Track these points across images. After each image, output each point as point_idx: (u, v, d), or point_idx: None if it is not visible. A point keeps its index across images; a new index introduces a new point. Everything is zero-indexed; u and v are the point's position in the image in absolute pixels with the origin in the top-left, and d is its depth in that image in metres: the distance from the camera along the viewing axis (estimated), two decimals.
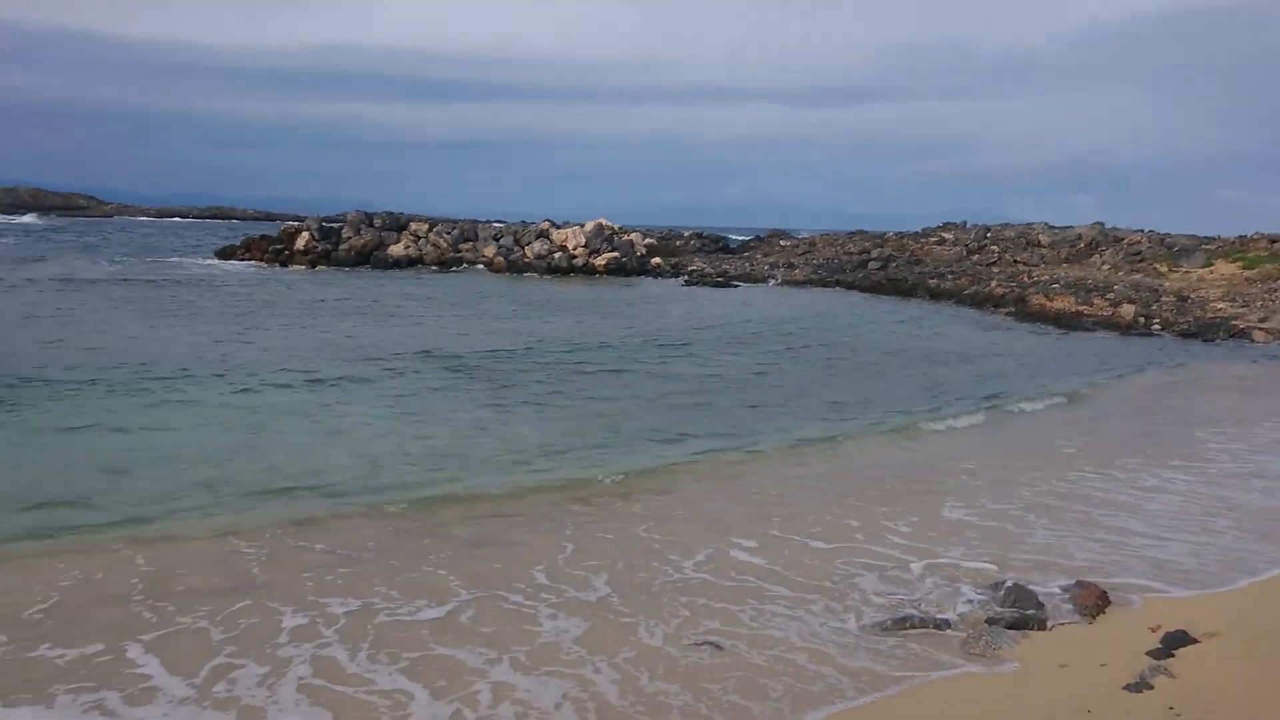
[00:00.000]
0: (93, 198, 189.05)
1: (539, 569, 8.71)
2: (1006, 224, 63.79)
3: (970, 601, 8.08)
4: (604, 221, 60.45)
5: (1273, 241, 45.12)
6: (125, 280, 39.28)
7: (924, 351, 25.33)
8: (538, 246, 57.73)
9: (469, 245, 58.61)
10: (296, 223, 60.47)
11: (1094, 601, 7.87)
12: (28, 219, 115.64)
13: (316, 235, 57.69)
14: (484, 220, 65.26)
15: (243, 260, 57.37)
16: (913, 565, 9.14)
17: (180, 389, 16.09)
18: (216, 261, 56.73)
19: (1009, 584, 8.24)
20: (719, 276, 52.03)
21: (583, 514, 10.54)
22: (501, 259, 56.89)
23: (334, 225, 59.07)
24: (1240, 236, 47.16)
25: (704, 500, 11.29)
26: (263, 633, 7.28)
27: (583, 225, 59.99)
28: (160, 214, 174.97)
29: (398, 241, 58.21)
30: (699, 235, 67.58)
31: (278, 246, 58.10)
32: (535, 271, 55.51)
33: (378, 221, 59.54)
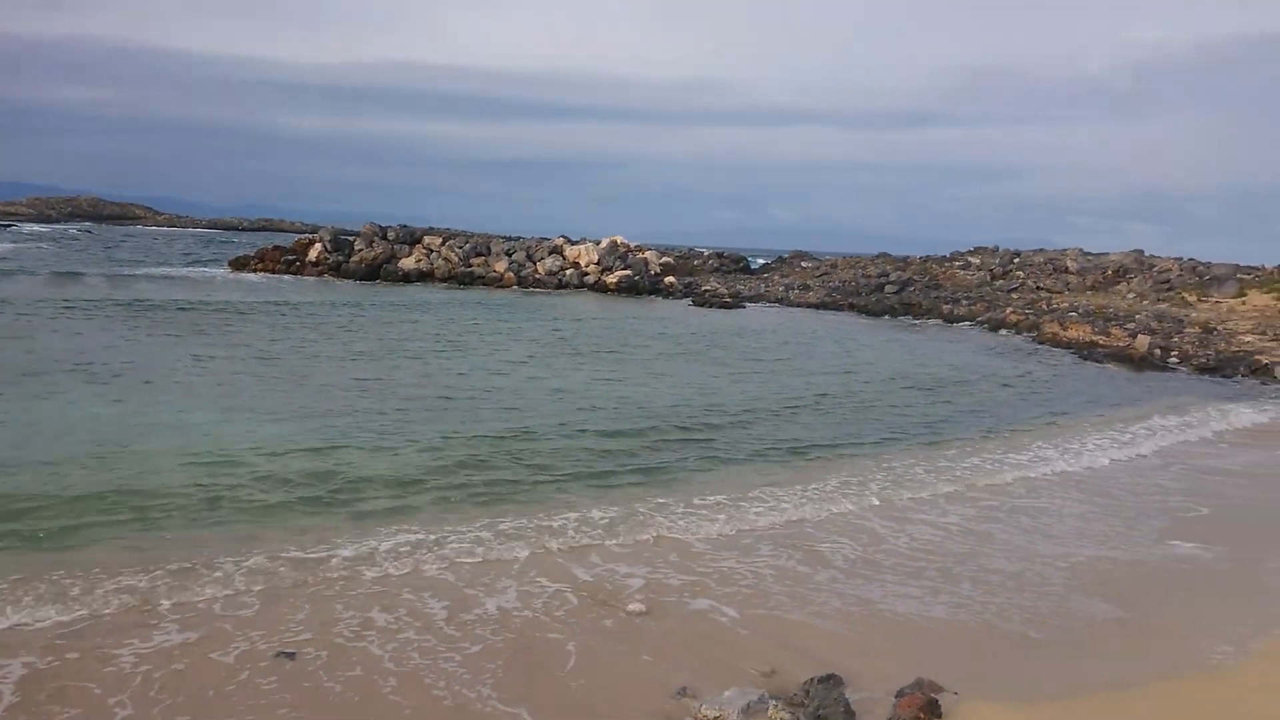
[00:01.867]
0: (149, 208, 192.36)
1: None
2: (1040, 249, 61.41)
3: (760, 705, 6.38)
4: (619, 239, 59.15)
5: None
6: (117, 290, 38.64)
7: (880, 378, 23.47)
8: (550, 263, 56.55)
9: (481, 260, 57.51)
10: (311, 234, 60.01)
11: (913, 714, 6.15)
12: (72, 228, 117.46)
13: (329, 247, 57.07)
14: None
15: (255, 271, 56.84)
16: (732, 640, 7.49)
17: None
18: (228, 272, 56.24)
19: (816, 681, 6.55)
20: (729, 297, 50.42)
21: None
22: (512, 274, 55.73)
23: (348, 237, 58.48)
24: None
25: None
26: None
27: (598, 242, 58.77)
28: (211, 225, 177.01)
29: (409, 255, 57.26)
30: (719, 255, 65.90)
31: (290, 257, 57.62)
32: (545, 288, 54.33)
33: (391, 234, 58.70)
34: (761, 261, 69.98)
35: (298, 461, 12.36)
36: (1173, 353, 30.07)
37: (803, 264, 63.15)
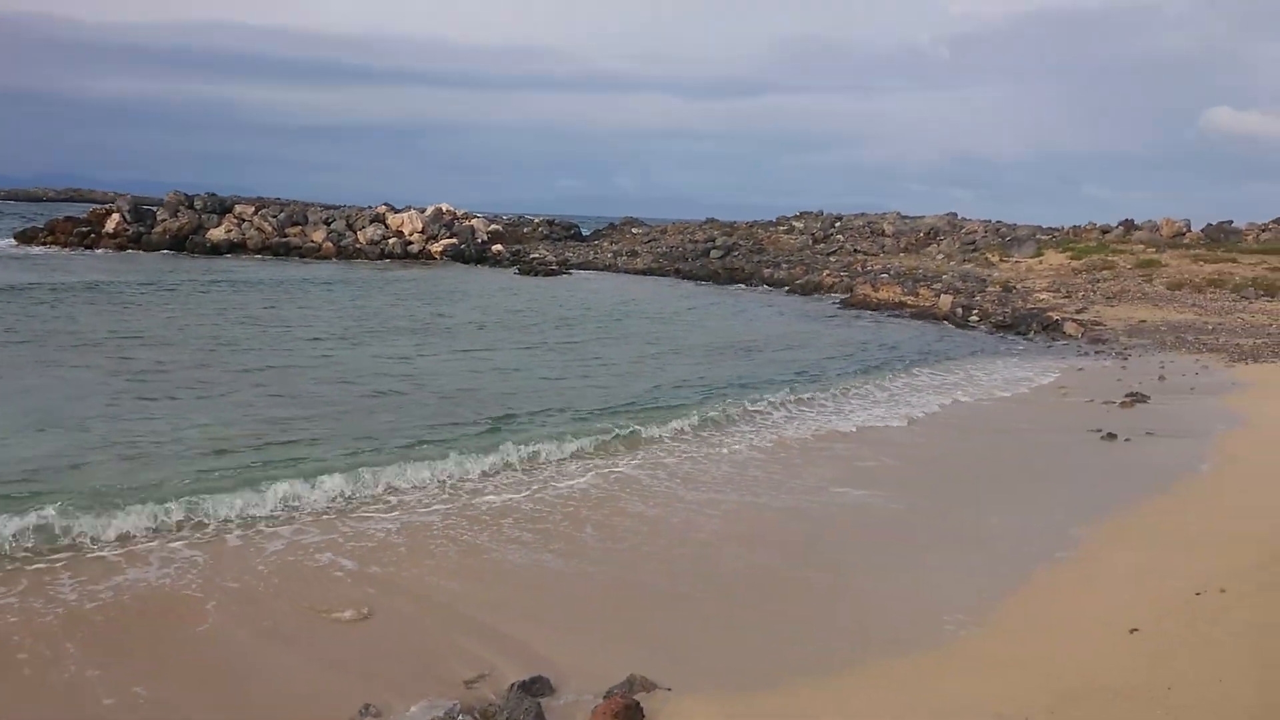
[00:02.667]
0: None
1: None
2: (863, 213, 63.08)
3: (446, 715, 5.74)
4: (445, 207, 57.52)
5: (1104, 232, 44.88)
6: None
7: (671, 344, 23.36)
8: (371, 231, 54.38)
9: (297, 230, 54.75)
10: (107, 204, 55.89)
11: None
12: None
13: (129, 217, 53.23)
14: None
15: (45, 245, 52.49)
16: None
17: None
18: (11, 245, 51.67)
19: (517, 686, 5.97)
20: (556, 265, 49.89)
21: None
22: (331, 245, 53.34)
23: (151, 207, 54.75)
24: (1074, 227, 46.90)
25: None
26: None
27: (423, 210, 56.97)
28: (9, 196, 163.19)
29: (219, 225, 54.00)
30: (550, 222, 64.98)
31: (85, 229, 53.44)
32: (367, 258, 52.28)
33: (198, 203, 55.23)
34: (595, 228, 69.52)
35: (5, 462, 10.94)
36: (974, 311, 31.14)
37: (633, 230, 62.97)
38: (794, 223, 59.24)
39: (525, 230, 62.30)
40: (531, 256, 53.34)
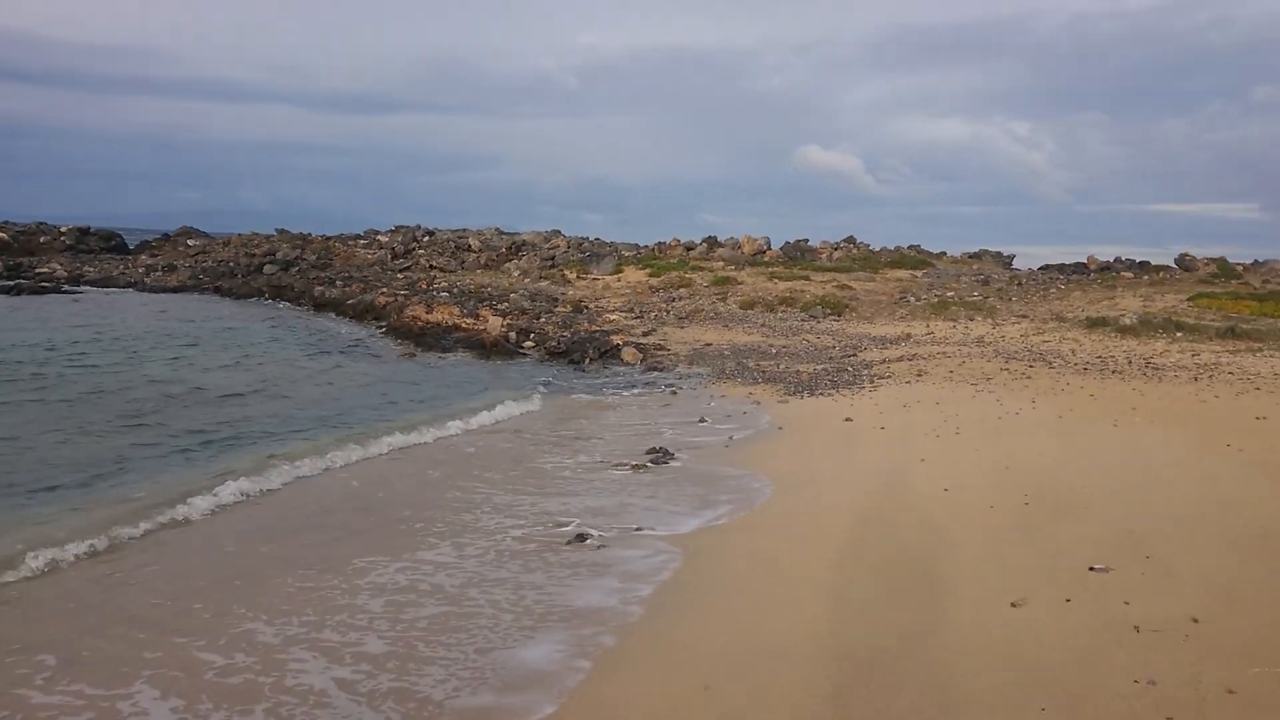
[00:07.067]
0: None
1: None
2: (463, 229, 58.38)
3: None
4: None
5: (688, 249, 42.98)
6: None
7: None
8: None
9: None
10: None
11: None
12: None
13: None
14: None
15: None
16: None
17: None
18: None
19: None
20: (66, 280, 40.51)
21: None
22: None
23: None
24: (659, 243, 44.80)
25: None
26: None
27: None
28: None
29: None
30: (83, 231, 53.98)
31: None
32: None
33: None
34: (148, 239, 59.12)
35: None
36: (531, 335, 26.78)
37: (189, 242, 53.77)
38: (379, 237, 53.15)
39: (43, 240, 51.09)
40: (38, 271, 43.14)
